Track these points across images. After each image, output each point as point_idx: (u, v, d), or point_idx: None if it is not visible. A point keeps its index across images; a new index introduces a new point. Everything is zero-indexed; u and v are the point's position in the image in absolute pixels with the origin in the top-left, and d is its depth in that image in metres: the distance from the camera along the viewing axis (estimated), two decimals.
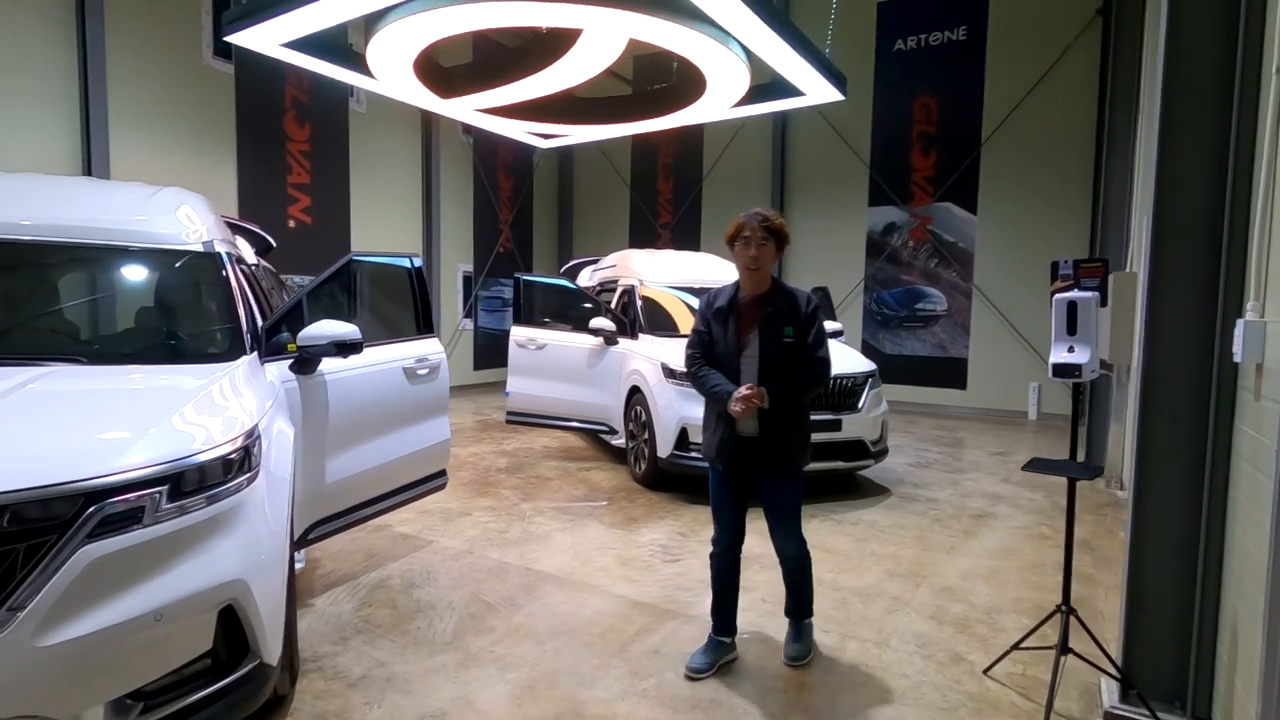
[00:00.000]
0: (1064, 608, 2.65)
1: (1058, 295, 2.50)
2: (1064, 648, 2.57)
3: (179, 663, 1.94)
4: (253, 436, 2.23)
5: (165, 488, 1.90)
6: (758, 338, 2.82)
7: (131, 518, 1.83)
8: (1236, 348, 2.16)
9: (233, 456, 2.11)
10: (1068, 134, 9.67)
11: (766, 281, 2.87)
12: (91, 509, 1.78)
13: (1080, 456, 7.08)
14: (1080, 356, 2.45)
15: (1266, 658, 1.90)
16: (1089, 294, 2.46)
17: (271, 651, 2.16)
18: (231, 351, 2.80)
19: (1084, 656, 2.66)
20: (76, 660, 1.74)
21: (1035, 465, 2.69)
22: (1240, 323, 2.16)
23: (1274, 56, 2.12)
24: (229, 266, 3.14)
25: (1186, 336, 2.49)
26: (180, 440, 2.02)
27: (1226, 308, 2.40)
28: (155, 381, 2.38)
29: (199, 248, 3.13)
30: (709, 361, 2.93)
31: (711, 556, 3.02)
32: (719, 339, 2.90)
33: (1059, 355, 2.48)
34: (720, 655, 2.97)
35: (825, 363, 2.84)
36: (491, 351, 12.58)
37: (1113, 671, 2.57)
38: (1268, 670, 1.90)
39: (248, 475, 2.14)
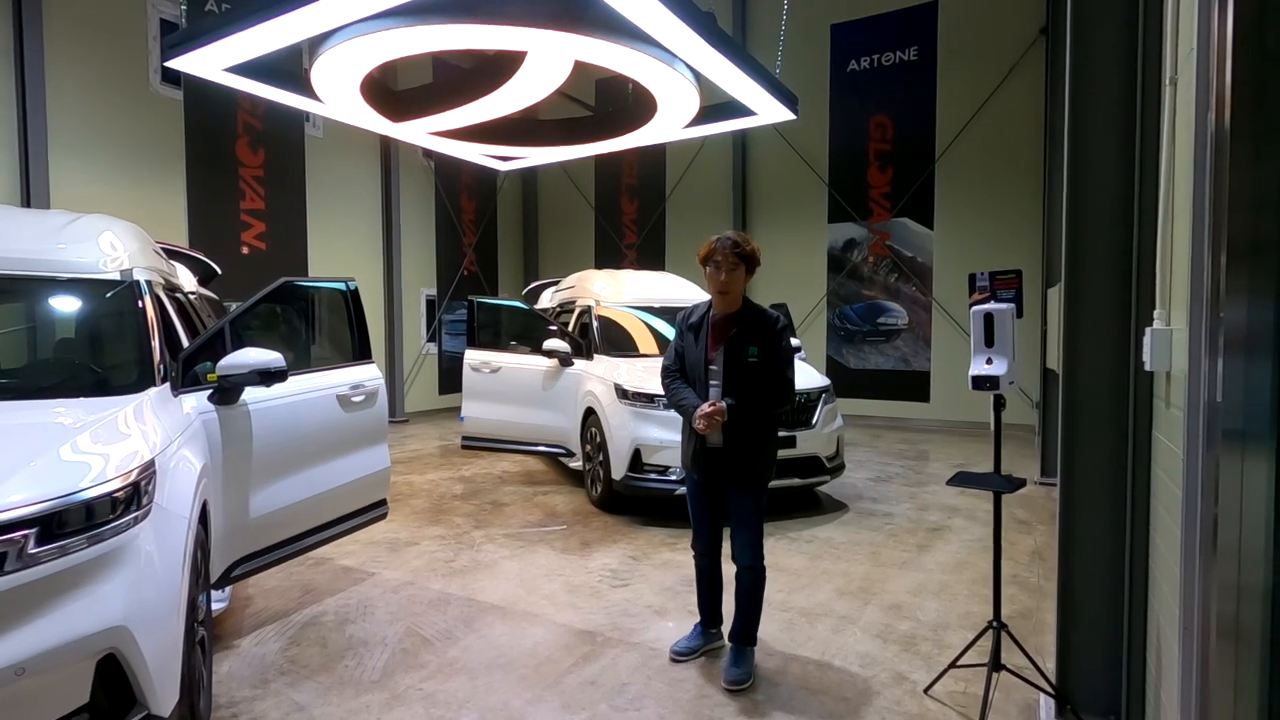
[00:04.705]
0: (995, 624, 2.61)
1: (975, 308, 2.50)
2: (996, 665, 2.53)
3: (52, 718, 1.81)
4: (146, 473, 2.12)
5: (34, 530, 1.79)
6: (723, 355, 2.93)
7: None
8: (1146, 356, 2.16)
9: (119, 494, 1.99)
10: (1018, 148, 9.87)
11: (737, 302, 3.00)
12: None
13: (1038, 468, 7.22)
14: (998, 368, 2.44)
15: (1182, 670, 1.87)
16: (1005, 305, 2.46)
17: (162, 702, 2.03)
18: (139, 383, 2.69)
19: (1017, 673, 2.62)
20: None
21: (960, 479, 2.67)
22: (1149, 331, 2.16)
23: (1168, 69, 2.14)
24: (145, 296, 3.03)
25: (1104, 346, 2.50)
26: (57, 479, 1.91)
27: (1140, 316, 2.41)
28: (42, 417, 2.27)
29: (115, 276, 3.03)
30: (682, 375, 3.08)
31: (695, 558, 3.23)
32: (689, 353, 3.05)
33: (978, 368, 2.47)
34: (705, 642, 3.23)
35: (789, 382, 2.95)
36: (457, 376, 12.37)
37: (1046, 688, 2.53)
38: (1184, 683, 1.86)
39: (135, 514, 2.03)
